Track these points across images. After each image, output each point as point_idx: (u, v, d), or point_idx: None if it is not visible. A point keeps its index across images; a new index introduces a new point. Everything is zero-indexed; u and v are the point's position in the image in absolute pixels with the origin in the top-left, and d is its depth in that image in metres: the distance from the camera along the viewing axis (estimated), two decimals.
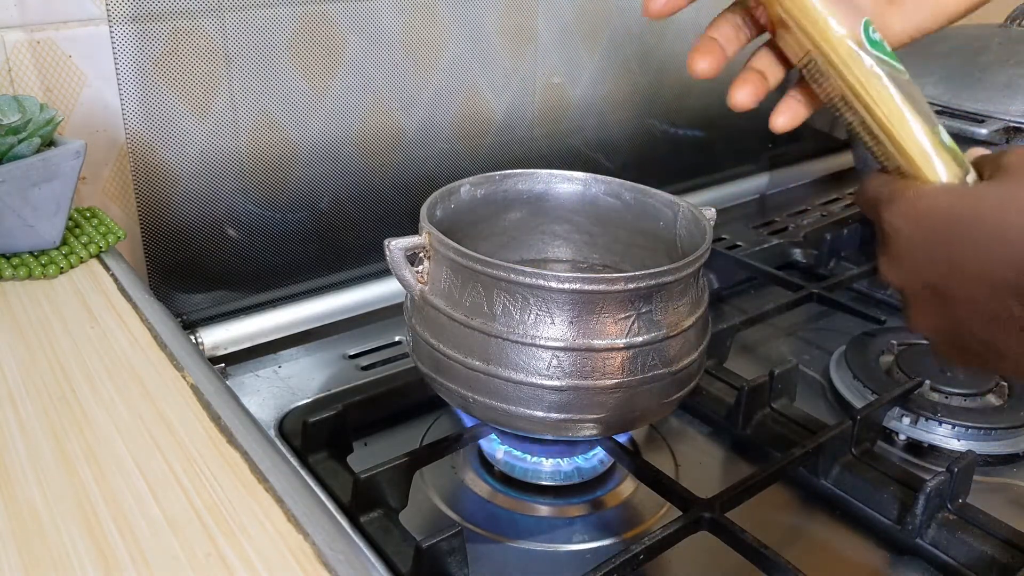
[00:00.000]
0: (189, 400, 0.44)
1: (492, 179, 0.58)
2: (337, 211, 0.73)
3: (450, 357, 0.49)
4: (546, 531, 0.54)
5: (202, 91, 0.64)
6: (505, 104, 0.80)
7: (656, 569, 0.51)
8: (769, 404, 0.62)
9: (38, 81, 0.58)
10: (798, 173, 1.08)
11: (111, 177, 0.63)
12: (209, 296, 0.70)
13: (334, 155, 0.72)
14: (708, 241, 0.50)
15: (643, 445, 0.61)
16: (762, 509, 0.55)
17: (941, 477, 0.52)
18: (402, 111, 0.74)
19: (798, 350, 0.75)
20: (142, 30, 0.60)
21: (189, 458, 0.40)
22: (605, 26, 0.84)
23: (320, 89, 0.69)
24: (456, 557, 0.46)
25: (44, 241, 0.55)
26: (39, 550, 0.34)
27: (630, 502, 0.57)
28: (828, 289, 0.77)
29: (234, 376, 0.65)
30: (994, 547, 0.51)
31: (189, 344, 0.49)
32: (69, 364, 0.46)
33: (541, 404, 0.47)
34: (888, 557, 0.53)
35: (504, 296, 0.46)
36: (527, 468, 0.57)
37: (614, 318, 0.46)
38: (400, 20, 0.71)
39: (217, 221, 0.68)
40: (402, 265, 0.49)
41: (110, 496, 0.37)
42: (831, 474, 0.57)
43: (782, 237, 0.93)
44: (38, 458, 0.39)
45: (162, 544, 0.35)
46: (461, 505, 0.56)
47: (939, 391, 0.63)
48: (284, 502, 0.37)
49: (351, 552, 0.35)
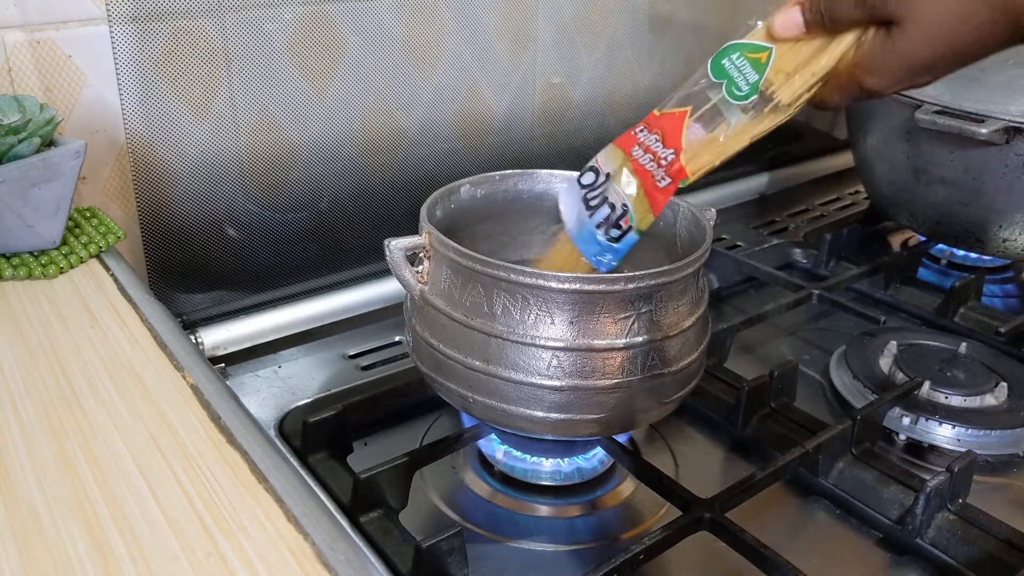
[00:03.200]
0: (189, 400, 0.44)
1: (492, 179, 0.58)
2: (337, 211, 0.73)
3: (450, 357, 0.49)
4: (546, 531, 0.54)
5: (202, 91, 0.64)
6: (505, 104, 0.80)
7: (656, 569, 0.51)
8: (769, 404, 0.62)
9: (38, 81, 0.58)
10: (798, 173, 1.08)
11: (111, 177, 0.63)
12: (209, 296, 0.70)
13: (334, 155, 0.72)
14: (708, 241, 0.50)
15: (643, 445, 0.61)
16: (762, 509, 0.55)
17: (941, 477, 0.52)
18: (402, 111, 0.74)
19: (798, 350, 0.75)
20: (142, 30, 0.60)
21: (189, 458, 0.40)
22: (605, 26, 0.84)
23: (320, 89, 0.69)
24: (456, 557, 0.46)
25: (44, 241, 0.55)
26: (39, 550, 0.34)
27: (630, 502, 0.57)
28: (828, 289, 0.77)
29: (234, 376, 0.65)
30: (994, 547, 0.51)
31: (189, 344, 0.49)
32: (69, 364, 0.46)
33: (541, 404, 0.47)
34: (888, 557, 0.53)
35: (504, 296, 0.46)
36: (527, 468, 0.57)
37: (614, 318, 0.46)
38: (400, 20, 0.71)
39: (217, 221, 0.68)
40: (402, 265, 0.49)
41: (110, 496, 0.37)
42: (831, 474, 0.57)
43: (782, 237, 0.93)
44: (38, 458, 0.39)
45: (162, 544, 0.35)
46: (461, 505, 0.55)
47: (939, 391, 0.63)
48: (284, 502, 0.37)
49: (351, 552, 0.35)
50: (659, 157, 0.48)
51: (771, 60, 0.45)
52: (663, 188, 0.48)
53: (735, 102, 0.45)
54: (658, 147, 0.48)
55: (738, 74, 0.45)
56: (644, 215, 0.49)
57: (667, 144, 0.47)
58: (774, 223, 0.98)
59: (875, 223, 0.95)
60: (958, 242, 0.84)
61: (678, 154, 0.47)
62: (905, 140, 0.81)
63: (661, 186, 0.48)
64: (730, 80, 0.45)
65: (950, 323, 0.76)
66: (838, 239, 0.87)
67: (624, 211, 0.49)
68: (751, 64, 0.45)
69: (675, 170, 0.47)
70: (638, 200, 0.49)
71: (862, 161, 0.91)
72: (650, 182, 0.48)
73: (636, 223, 0.49)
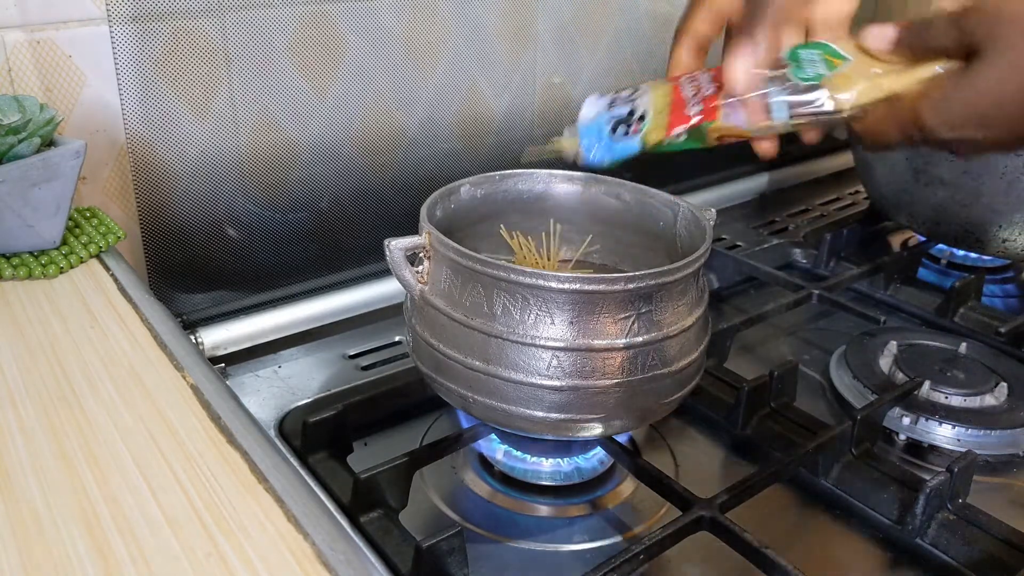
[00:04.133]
0: (189, 400, 0.44)
1: (492, 179, 0.58)
2: (337, 211, 0.73)
3: (450, 357, 0.49)
4: (546, 531, 0.54)
5: (202, 91, 0.64)
6: (505, 104, 0.80)
7: (656, 569, 0.51)
8: (769, 404, 0.62)
9: (38, 81, 0.58)
10: (798, 173, 1.08)
11: (111, 177, 0.63)
12: (209, 296, 0.70)
13: (334, 155, 0.72)
14: (708, 241, 0.50)
15: (643, 445, 0.61)
16: (762, 509, 0.55)
17: (941, 477, 0.52)
18: (402, 111, 0.74)
19: (798, 350, 0.75)
20: (142, 30, 0.60)
21: (189, 458, 0.40)
22: (605, 26, 0.84)
23: (320, 89, 0.69)
24: (456, 557, 0.46)
25: (44, 241, 0.55)
26: (39, 550, 0.34)
27: (630, 502, 0.57)
28: (828, 289, 0.77)
29: (234, 376, 0.65)
30: (994, 547, 0.51)
31: (189, 344, 0.49)
32: (69, 364, 0.46)
33: (541, 404, 0.47)
34: (888, 557, 0.53)
35: (504, 296, 0.46)
36: (527, 468, 0.57)
37: (614, 318, 0.46)
38: (400, 20, 0.71)
39: (217, 221, 0.68)
40: (402, 265, 0.49)
41: (110, 496, 0.37)
42: (831, 474, 0.57)
43: (782, 237, 0.93)
44: (38, 458, 0.39)
45: (162, 544, 0.35)
46: (461, 505, 0.55)
47: (939, 391, 0.63)
48: (284, 502, 0.37)
49: (351, 552, 0.35)
50: (701, 89, 0.48)
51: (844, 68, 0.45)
52: (687, 115, 0.47)
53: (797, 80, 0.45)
54: (705, 80, 0.48)
55: (809, 64, 0.45)
56: (655, 129, 0.48)
57: (715, 81, 0.48)
58: (774, 223, 0.98)
59: (875, 223, 0.95)
60: (958, 242, 0.84)
61: (718, 92, 0.47)
62: None
63: (688, 112, 0.48)
64: (798, 64, 0.46)
65: (950, 323, 0.75)
66: (838, 239, 0.87)
67: (642, 117, 0.49)
68: (825, 63, 0.45)
69: (709, 107, 0.47)
70: (658, 115, 0.49)
71: (862, 161, 0.91)
72: (680, 105, 0.48)
73: (644, 132, 0.49)
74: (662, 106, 0.49)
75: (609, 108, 0.51)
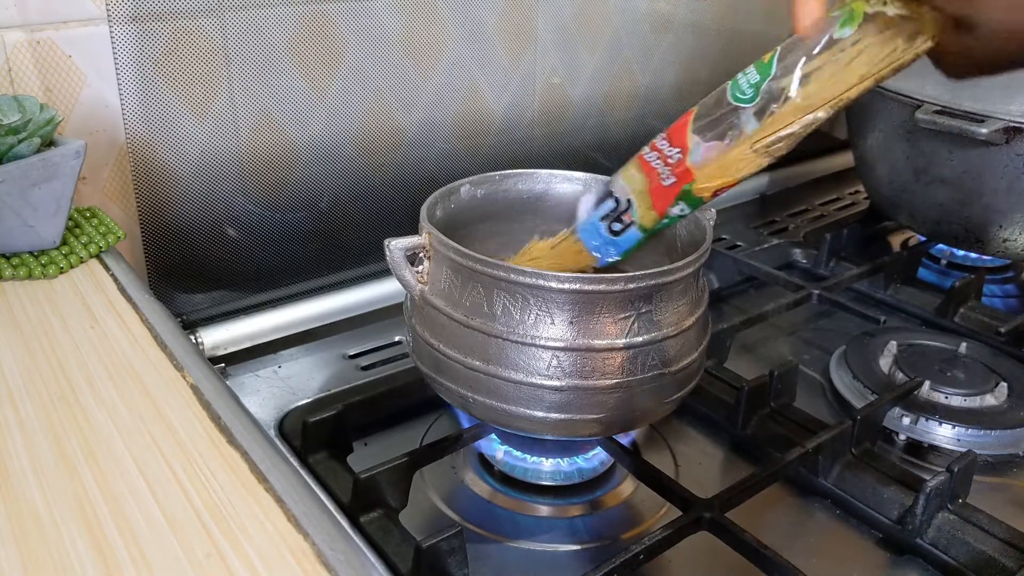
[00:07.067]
0: (189, 400, 0.44)
1: (492, 179, 0.58)
2: (337, 211, 0.73)
3: (450, 357, 0.49)
4: (546, 531, 0.54)
5: (202, 91, 0.64)
6: (505, 104, 0.80)
7: (656, 569, 0.51)
8: (769, 404, 0.62)
9: (38, 81, 0.58)
10: (798, 173, 1.08)
11: (111, 177, 0.63)
12: (209, 296, 0.70)
13: (334, 155, 0.72)
14: (708, 241, 0.50)
15: (643, 445, 0.61)
16: (762, 509, 0.55)
17: (941, 477, 0.52)
18: (402, 111, 0.74)
19: (798, 350, 0.75)
20: (142, 30, 0.60)
21: (189, 458, 0.40)
22: (605, 26, 0.84)
23: (320, 89, 0.69)
24: (456, 557, 0.46)
25: (44, 241, 0.55)
26: (39, 550, 0.34)
27: (630, 502, 0.57)
28: (828, 289, 0.77)
29: (234, 376, 0.65)
30: (994, 547, 0.50)
31: (189, 344, 0.49)
32: (69, 364, 0.46)
33: (541, 404, 0.47)
34: (888, 557, 0.53)
35: (504, 296, 0.46)
36: (527, 468, 0.57)
37: (614, 318, 0.46)
38: (400, 20, 0.71)
39: (217, 221, 0.68)
40: (402, 265, 0.49)
41: (110, 496, 0.37)
42: (831, 474, 0.57)
43: (782, 237, 0.93)
44: (38, 458, 0.39)
45: (162, 544, 0.35)
46: (461, 505, 0.55)
47: (939, 391, 0.63)
48: (284, 502, 0.37)
49: (351, 552, 0.35)
50: (665, 156, 0.47)
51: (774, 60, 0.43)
52: (667, 187, 0.47)
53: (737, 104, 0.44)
54: (664, 145, 0.48)
55: (742, 77, 0.45)
56: (647, 212, 0.49)
57: (673, 143, 0.47)
58: (774, 223, 0.98)
59: (875, 223, 0.95)
60: (958, 242, 0.84)
61: (684, 153, 0.46)
62: (905, 140, 0.81)
63: (665, 184, 0.47)
64: (734, 84, 0.45)
65: (950, 323, 0.76)
66: (838, 239, 0.87)
67: (628, 205, 0.49)
68: (755, 67, 0.44)
69: (681, 170, 0.47)
70: (641, 196, 0.49)
71: (862, 161, 0.91)
72: (655, 180, 0.48)
73: (638, 219, 0.49)
74: (640, 185, 0.49)
75: (596, 207, 0.52)
